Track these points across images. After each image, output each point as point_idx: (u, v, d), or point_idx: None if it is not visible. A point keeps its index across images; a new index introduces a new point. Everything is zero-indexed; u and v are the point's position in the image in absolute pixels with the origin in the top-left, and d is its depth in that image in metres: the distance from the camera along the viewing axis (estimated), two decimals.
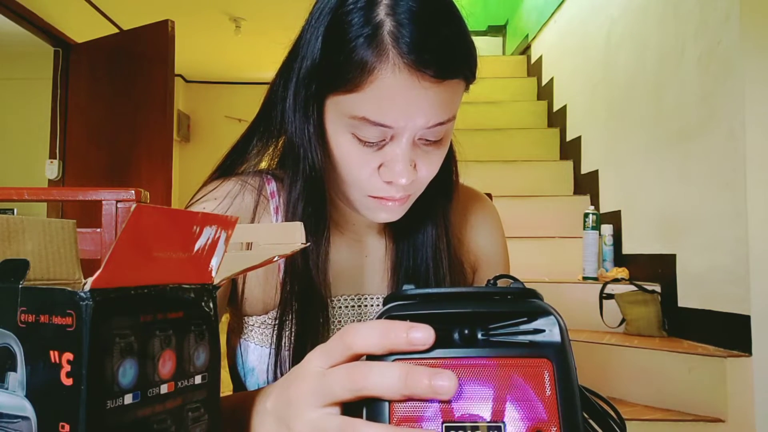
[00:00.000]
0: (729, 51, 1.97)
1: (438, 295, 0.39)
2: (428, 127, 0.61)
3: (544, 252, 2.90)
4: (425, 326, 0.35)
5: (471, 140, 3.62)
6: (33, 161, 4.54)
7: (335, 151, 0.64)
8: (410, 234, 0.74)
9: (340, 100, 0.61)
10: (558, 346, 0.36)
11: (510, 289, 0.39)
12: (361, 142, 0.62)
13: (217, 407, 0.39)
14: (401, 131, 0.60)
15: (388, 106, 0.58)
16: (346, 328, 0.38)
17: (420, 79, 0.58)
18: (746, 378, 1.82)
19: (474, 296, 0.39)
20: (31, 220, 0.38)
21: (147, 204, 0.31)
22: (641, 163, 2.60)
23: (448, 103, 0.61)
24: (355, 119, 0.60)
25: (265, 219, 0.72)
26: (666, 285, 2.31)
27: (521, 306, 0.37)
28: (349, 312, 0.75)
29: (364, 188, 0.65)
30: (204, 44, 5.15)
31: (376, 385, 0.35)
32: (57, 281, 0.39)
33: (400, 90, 0.58)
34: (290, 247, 0.46)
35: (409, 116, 0.59)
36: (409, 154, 0.62)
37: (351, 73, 0.58)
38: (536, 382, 0.35)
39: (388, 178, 0.63)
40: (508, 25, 5.34)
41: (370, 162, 0.63)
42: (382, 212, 0.67)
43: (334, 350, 0.38)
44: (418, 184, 0.66)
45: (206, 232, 0.36)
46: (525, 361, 0.35)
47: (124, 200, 1.12)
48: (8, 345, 0.32)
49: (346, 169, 0.64)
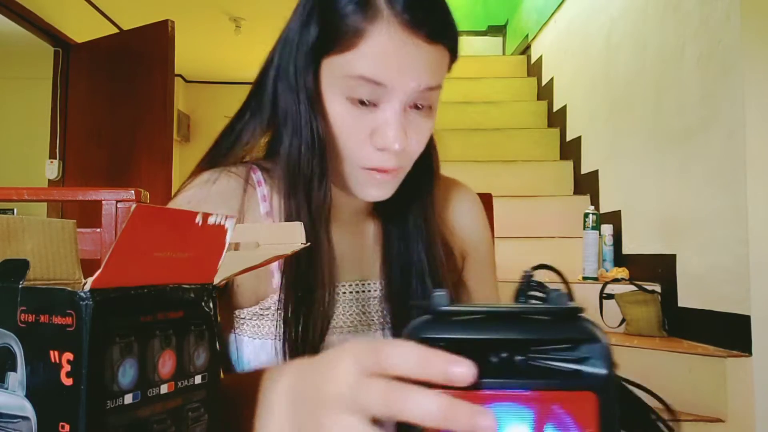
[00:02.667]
0: (729, 51, 1.97)
1: (475, 313, 0.35)
2: (420, 90, 0.63)
3: (544, 252, 2.90)
4: (467, 362, 0.32)
5: (471, 140, 3.62)
6: (33, 161, 4.53)
7: (329, 118, 0.65)
8: (400, 219, 0.75)
9: (335, 61, 0.63)
10: (604, 378, 0.32)
11: (551, 309, 0.34)
12: (355, 106, 0.63)
13: (217, 407, 0.39)
14: (394, 93, 0.62)
15: (383, 62, 0.61)
16: (383, 343, 0.36)
17: (414, 37, 0.61)
18: (746, 378, 1.81)
19: (514, 316, 0.35)
20: (31, 220, 0.38)
21: (147, 204, 0.31)
22: (641, 163, 2.59)
23: (437, 69, 0.64)
24: (350, 78, 0.62)
25: (252, 206, 0.72)
26: (666, 285, 2.31)
27: (567, 330, 0.33)
28: (351, 298, 0.74)
29: (356, 158, 0.66)
30: (204, 44, 5.15)
31: (414, 412, 0.33)
32: (57, 281, 0.39)
33: (394, 47, 0.61)
34: (290, 247, 0.46)
35: (403, 74, 0.61)
36: (401, 119, 0.63)
37: (346, 33, 0.61)
38: (578, 416, 0.32)
39: (381, 144, 0.64)
40: (508, 25, 5.34)
41: (363, 127, 0.64)
42: (373, 188, 0.67)
43: (365, 361, 0.36)
44: (409, 156, 0.67)
45: (207, 232, 0.36)
46: (567, 393, 0.32)
47: (124, 200, 1.12)
48: (8, 345, 0.32)
49: (340, 137, 0.65)
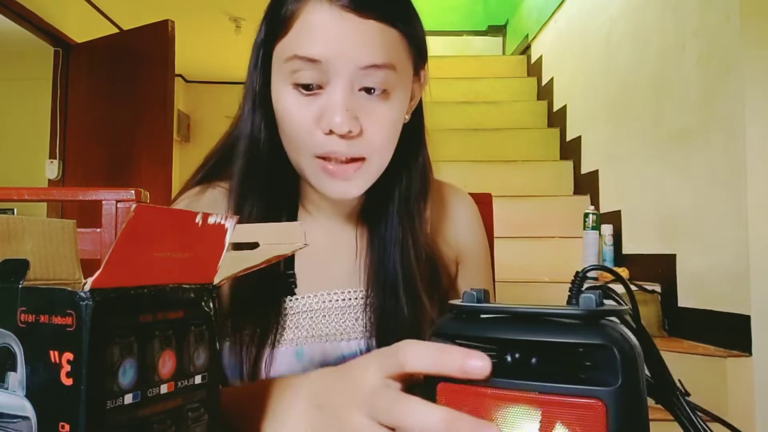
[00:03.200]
0: (729, 51, 1.97)
1: (499, 312, 0.36)
2: (363, 67, 0.62)
3: (544, 252, 2.90)
4: (482, 355, 0.33)
5: (471, 140, 3.62)
6: (33, 161, 4.53)
7: (280, 109, 0.66)
8: (384, 226, 0.73)
9: (278, 49, 0.65)
10: (614, 388, 0.30)
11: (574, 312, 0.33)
12: (300, 93, 0.63)
13: (217, 407, 0.39)
14: (335, 72, 0.62)
15: (314, 37, 0.61)
16: (403, 343, 0.38)
17: (346, 11, 0.61)
18: (746, 378, 1.81)
19: (537, 318, 0.34)
20: (31, 220, 0.38)
21: (147, 204, 0.31)
22: (641, 163, 2.59)
23: (384, 47, 0.63)
24: (289, 61, 0.63)
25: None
26: (666, 285, 2.31)
27: (585, 335, 0.32)
28: (333, 306, 0.73)
29: (307, 146, 0.64)
30: (204, 44, 5.15)
31: (416, 424, 0.34)
32: (57, 281, 0.39)
33: (325, 23, 0.61)
34: (290, 247, 0.46)
35: (339, 50, 0.61)
36: (346, 100, 0.62)
37: (283, 19, 0.63)
38: (585, 423, 0.31)
39: (327, 126, 0.62)
40: (508, 25, 5.34)
41: (309, 113, 0.63)
42: (333, 182, 0.65)
43: (388, 364, 0.39)
44: (370, 146, 0.65)
45: (207, 232, 0.36)
46: (575, 399, 0.31)
47: (124, 200, 1.12)
48: (8, 345, 0.32)
49: (289, 127, 0.65)
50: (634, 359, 0.31)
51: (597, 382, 0.31)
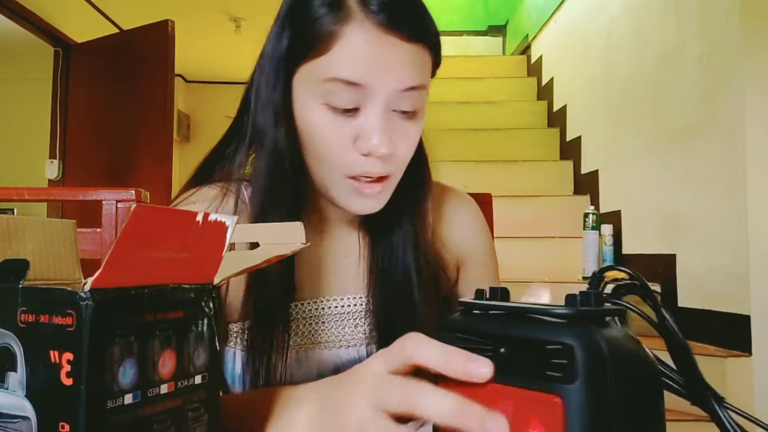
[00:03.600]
0: (729, 51, 1.97)
1: (493, 308, 0.37)
2: (402, 90, 0.61)
3: (544, 252, 2.90)
4: (484, 360, 0.35)
5: (471, 140, 3.62)
6: (33, 161, 4.53)
7: (308, 126, 0.64)
8: (387, 232, 0.73)
9: (310, 67, 0.62)
10: (572, 387, 0.32)
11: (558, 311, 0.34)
12: (335, 111, 0.62)
13: (217, 407, 0.39)
14: (374, 95, 0.61)
15: (357, 62, 0.60)
16: (410, 336, 0.38)
17: (390, 36, 0.60)
18: (746, 378, 1.81)
19: (526, 315, 0.36)
20: (31, 220, 0.38)
21: (147, 204, 0.31)
22: (641, 163, 2.59)
23: (419, 68, 0.62)
24: (327, 82, 0.60)
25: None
26: (666, 285, 2.31)
27: (559, 334, 0.33)
28: (336, 312, 0.73)
29: (341, 166, 0.63)
30: (204, 44, 5.15)
31: (428, 409, 0.35)
32: (57, 281, 0.39)
33: (369, 46, 0.59)
34: (290, 247, 0.46)
35: (380, 73, 0.60)
36: (384, 123, 0.61)
37: (319, 37, 0.60)
38: (545, 417, 0.32)
39: (366, 149, 0.62)
40: (508, 25, 5.34)
41: (345, 133, 0.62)
42: (360, 199, 0.65)
43: (395, 357, 0.39)
44: (397, 163, 0.65)
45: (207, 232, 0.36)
46: (540, 395, 0.33)
47: (124, 200, 1.12)
48: (8, 345, 0.32)
49: (320, 145, 0.63)
50: (599, 360, 0.32)
51: (560, 379, 0.32)
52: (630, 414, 0.33)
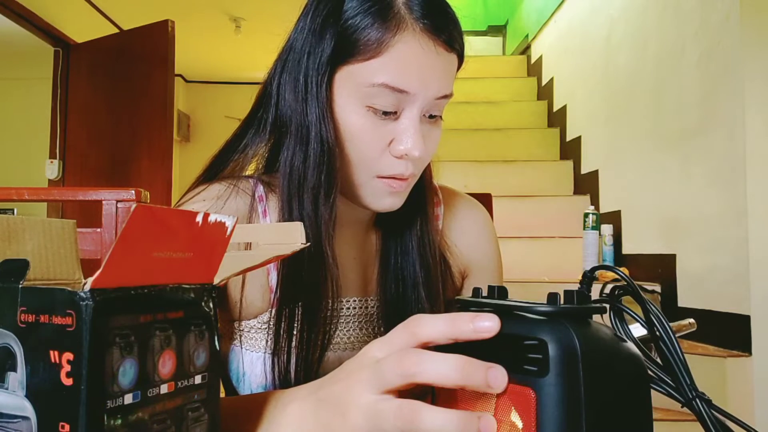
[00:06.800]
0: (729, 51, 1.97)
1: (487, 306, 0.39)
2: (437, 98, 0.63)
3: (544, 252, 2.90)
4: (491, 315, 0.35)
5: (471, 140, 3.62)
6: (33, 161, 4.54)
7: (345, 128, 0.64)
8: (400, 232, 0.73)
9: (354, 70, 0.62)
10: (544, 379, 0.34)
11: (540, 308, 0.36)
12: (376, 114, 0.63)
13: (217, 407, 0.39)
14: (414, 100, 0.62)
15: (409, 71, 0.61)
16: (411, 318, 0.38)
17: (435, 44, 0.62)
18: (746, 378, 1.81)
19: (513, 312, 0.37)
20: (31, 220, 0.38)
21: (147, 204, 0.31)
22: (641, 163, 2.60)
23: (452, 77, 0.65)
24: (374, 87, 0.61)
25: (256, 221, 0.71)
26: (666, 285, 2.31)
27: (536, 330, 0.35)
28: (351, 314, 0.73)
29: (373, 167, 0.65)
30: (204, 44, 5.15)
31: (430, 371, 0.35)
32: (57, 281, 0.39)
33: (419, 55, 0.61)
34: (290, 247, 0.46)
35: (425, 82, 0.62)
36: (419, 127, 0.63)
37: (367, 42, 0.61)
38: (521, 409, 0.35)
39: (401, 151, 0.63)
40: (508, 25, 5.34)
41: (383, 136, 0.63)
42: (388, 197, 0.66)
43: (397, 339, 0.39)
44: (423, 164, 0.68)
45: (207, 232, 0.36)
46: (516, 387, 0.35)
47: (124, 200, 1.12)
48: (8, 345, 0.32)
49: (357, 147, 0.64)
50: (571, 355, 0.34)
51: (535, 373, 0.34)
52: (606, 409, 0.35)
